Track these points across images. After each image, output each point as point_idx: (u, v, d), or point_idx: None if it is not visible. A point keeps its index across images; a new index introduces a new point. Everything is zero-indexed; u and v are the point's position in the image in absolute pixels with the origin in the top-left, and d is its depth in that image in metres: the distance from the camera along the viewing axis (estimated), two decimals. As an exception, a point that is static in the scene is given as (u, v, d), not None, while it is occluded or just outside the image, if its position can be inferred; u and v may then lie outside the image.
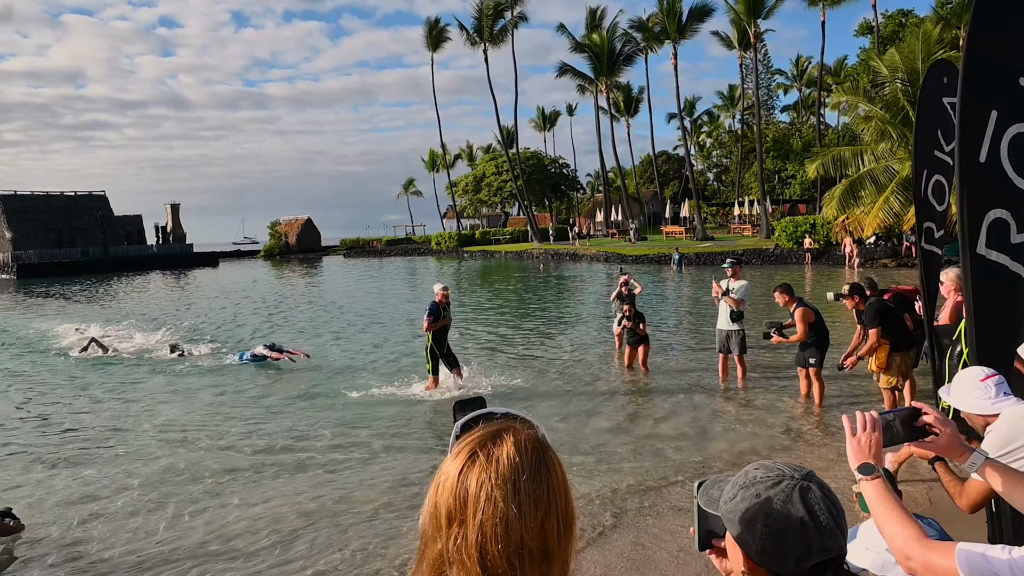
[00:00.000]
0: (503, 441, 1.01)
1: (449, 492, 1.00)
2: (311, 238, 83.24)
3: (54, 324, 19.06)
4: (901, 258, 30.03)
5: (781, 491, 1.20)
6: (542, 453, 1.02)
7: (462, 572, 0.97)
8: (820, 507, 1.18)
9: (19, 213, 66.72)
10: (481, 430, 1.05)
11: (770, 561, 1.20)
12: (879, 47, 40.27)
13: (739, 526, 1.23)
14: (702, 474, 6.39)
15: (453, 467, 1.02)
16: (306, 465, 7.19)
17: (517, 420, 1.09)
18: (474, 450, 1.01)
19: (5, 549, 5.59)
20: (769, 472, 1.25)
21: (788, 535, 1.17)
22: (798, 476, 1.23)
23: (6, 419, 9.75)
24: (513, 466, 0.98)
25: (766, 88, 68.68)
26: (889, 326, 7.09)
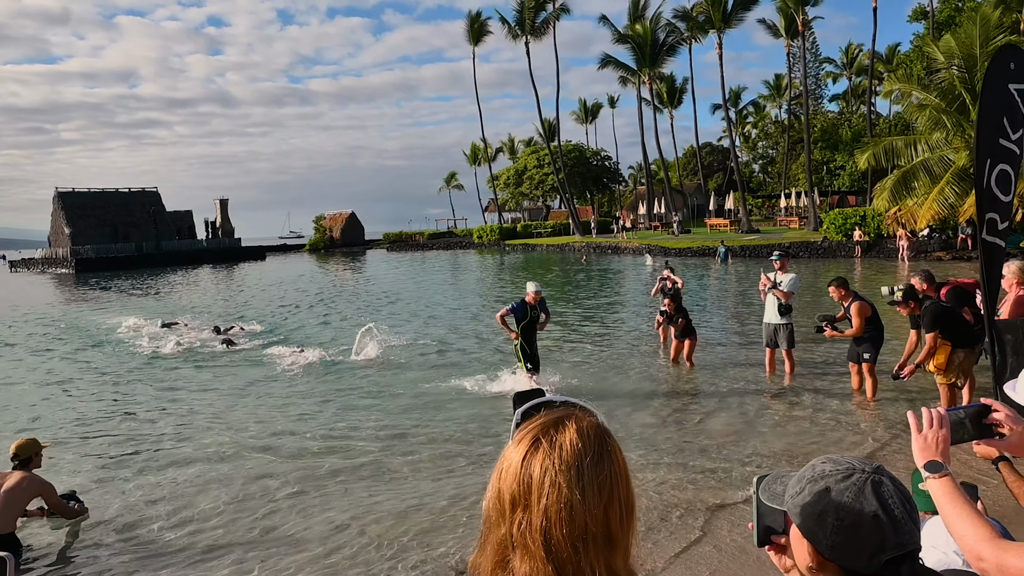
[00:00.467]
0: (565, 428, 1.02)
1: (513, 478, 1.01)
2: (355, 232, 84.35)
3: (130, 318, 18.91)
4: (956, 251, 29.07)
5: (852, 484, 1.18)
6: (604, 440, 1.03)
7: (526, 556, 0.98)
8: (894, 500, 1.16)
9: (77, 209, 69.19)
10: (543, 417, 1.06)
11: (842, 556, 1.18)
12: (934, 33, 38.95)
13: (808, 520, 1.21)
14: (749, 471, 6.31)
15: (516, 453, 1.03)
16: (383, 464, 7.23)
17: (577, 408, 1.09)
18: (537, 436, 1.02)
19: (70, 531, 5.83)
20: (838, 465, 1.22)
21: (861, 529, 1.15)
22: (869, 469, 1.21)
23: (86, 409, 10.13)
24: (576, 452, 0.99)
25: (814, 77, 67.09)
26: (949, 327, 6.85)
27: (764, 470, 6.31)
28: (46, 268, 66.20)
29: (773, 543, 1.37)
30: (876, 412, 7.95)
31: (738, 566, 4.65)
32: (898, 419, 7.62)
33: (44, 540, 5.73)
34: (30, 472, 5.51)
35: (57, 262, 65.21)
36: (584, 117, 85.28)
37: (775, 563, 1.40)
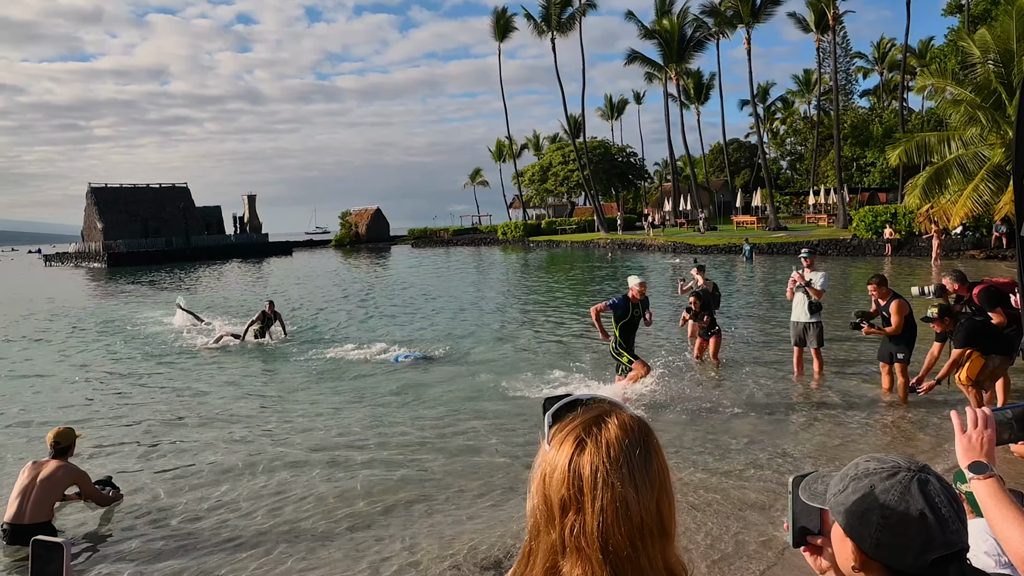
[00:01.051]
0: (607, 424, 1.00)
1: (560, 482, 0.98)
2: (380, 228, 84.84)
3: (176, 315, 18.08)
4: (990, 249, 28.49)
5: (898, 482, 1.17)
6: (647, 433, 1.02)
7: (579, 560, 0.96)
8: (941, 499, 1.14)
9: (109, 204, 70.45)
10: (580, 416, 1.03)
11: (887, 555, 1.16)
12: (969, 27, 38.14)
13: (852, 519, 1.20)
14: (775, 472, 6.26)
15: (561, 456, 1.00)
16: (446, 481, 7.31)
17: (605, 403, 1.07)
18: (580, 436, 1.00)
19: (104, 516, 5.98)
20: (883, 463, 1.21)
21: (907, 528, 1.13)
22: (915, 468, 1.19)
23: (127, 401, 10.35)
24: (623, 448, 0.98)
25: (844, 72, 66.04)
26: (984, 343, 6.76)
27: (792, 471, 6.25)
28: (79, 262, 67.51)
29: (809, 544, 1.36)
30: (908, 413, 7.83)
31: (760, 564, 4.63)
32: (930, 420, 7.51)
33: (78, 524, 5.90)
34: (66, 461, 5.64)
35: (90, 256, 66.48)
36: (610, 113, 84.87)
37: (810, 564, 1.38)
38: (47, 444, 5.68)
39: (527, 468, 1.06)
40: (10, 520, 5.33)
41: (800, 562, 1.62)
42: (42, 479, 5.41)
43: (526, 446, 7.18)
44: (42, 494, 5.36)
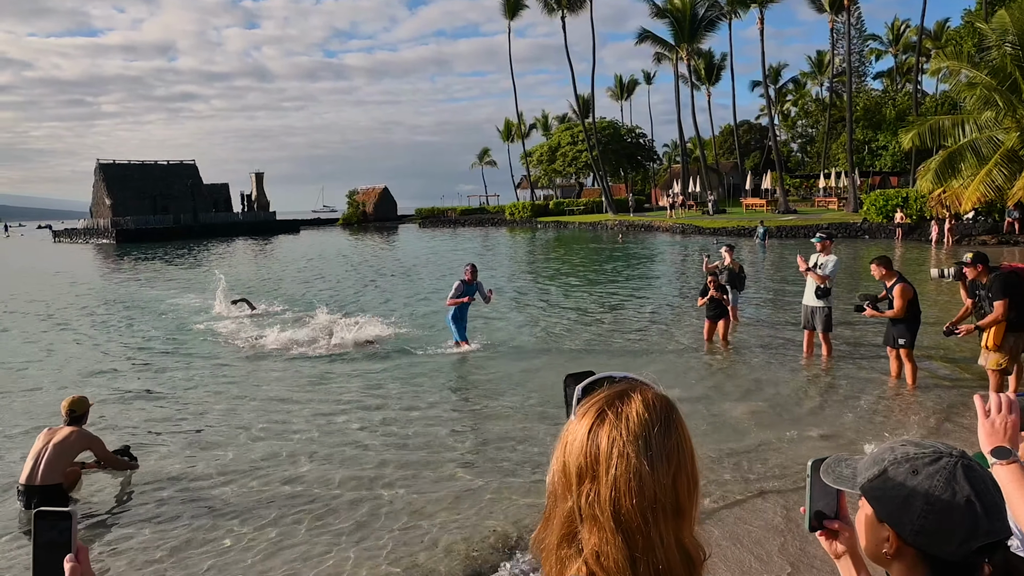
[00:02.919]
0: (631, 399, 1.02)
1: (579, 450, 1.01)
2: (387, 207, 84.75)
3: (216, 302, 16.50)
4: (1002, 235, 28.27)
5: (942, 468, 1.14)
6: (670, 411, 1.03)
7: (595, 527, 0.98)
8: (985, 486, 1.13)
9: (118, 181, 70.53)
10: (607, 391, 1.05)
11: (929, 542, 1.13)
12: (986, 8, 37.54)
13: (890, 504, 1.17)
14: (782, 452, 6.27)
15: (582, 426, 1.02)
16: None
17: (637, 381, 1.08)
18: (602, 408, 1.02)
19: (123, 482, 6.13)
20: (923, 449, 1.18)
21: (952, 515, 1.11)
22: (956, 454, 1.16)
23: (159, 379, 10.42)
24: (643, 423, 0.99)
25: (858, 54, 65.21)
26: (1014, 301, 6.64)
27: (795, 454, 6.26)
28: (88, 239, 67.77)
29: (825, 528, 1.35)
30: (916, 398, 7.81)
31: (769, 546, 4.64)
32: (938, 406, 7.50)
33: (93, 489, 6.00)
34: (80, 427, 5.82)
35: (98, 233, 66.69)
36: (619, 94, 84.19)
37: (825, 548, 1.38)
38: (62, 412, 5.86)
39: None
40: (24, 482, 5.55)
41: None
42: (55, 443, 5.60)
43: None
44: (54, 457, 5.54)
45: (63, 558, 1.18)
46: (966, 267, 7.10)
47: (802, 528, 4.73)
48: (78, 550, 1.20)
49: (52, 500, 5.51)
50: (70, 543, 1.20)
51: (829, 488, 1.31)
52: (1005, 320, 6.67)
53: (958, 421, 7.06)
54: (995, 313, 6.69)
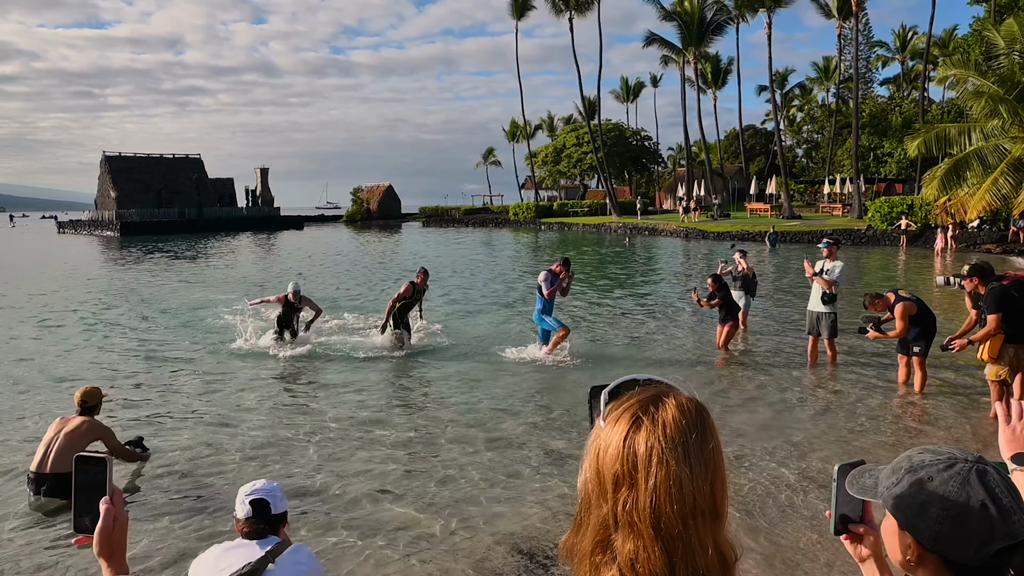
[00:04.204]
0: (665, 404, 1.01)
1: (615, 457, 0.99)
2: (391, 205, 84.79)
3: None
4: (1007, 244, 28.24)
5: (956, 474, 1.15)
6: (703, 415, 1.02)
7: (631, 535, 0.98)
8: (1001, 489, 1.13)
9: (123, 174, 70.64)
10: (637, 395, 1.04)
11: (947, 548, 1.14)
12: (995, 16, 37.50)
13: (908, 512, 1.18)
14: (787, 458, 6.29)
15: (616, 433, 1.01)
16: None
17: (664, 384, 1.07)
18: (636, 414, 1.00)
19: (133, 473, 6.20)
20: (938, 455, 1.19)
21: (968, 519, 1.12)
22: (971, 459, 1.16)
23: (179, 377, 10.46)
24: (680, 428, 0.98)
25: (865, 60, 65.14)
26: (1009, 315, 6.67)
27: (801, 460, 6.28)
28: (92, 230, 67.88)
29: (850, 531, 1.37)
30: (924, 406, 7.82)
31: (778, 553, 4.67)
32: (946, 413, 7.51)
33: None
34: (92, 418, 5.90)
35: (103, 225, 66.79)
36: (625, 96, 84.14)
37: (850, 552, 1.40)
38: (75, 402, 5.95)
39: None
40: (34, 469, 5.63)
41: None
42: (66, 432, 5.69)
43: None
44: (65, 445, 5.60)
45: (99, 499, 1.32)
46: (963, 279, 7.14)
47: (808, 535, 4.77)
48: (113, 493, 1.34)
49: (62, 488, 5.56)
50: (106, 486, 1.33)
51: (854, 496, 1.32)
52: (998, 334, 6.70)
53: (967, 428, 7.08)
54: (987, 327, 6.72)
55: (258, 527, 2.75)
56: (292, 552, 2.75)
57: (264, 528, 2.76)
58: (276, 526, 2.82)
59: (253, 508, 2.76)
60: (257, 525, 2.75)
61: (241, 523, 2.78)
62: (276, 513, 2.81)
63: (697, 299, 11.16)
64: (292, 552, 2.75)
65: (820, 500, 5.39)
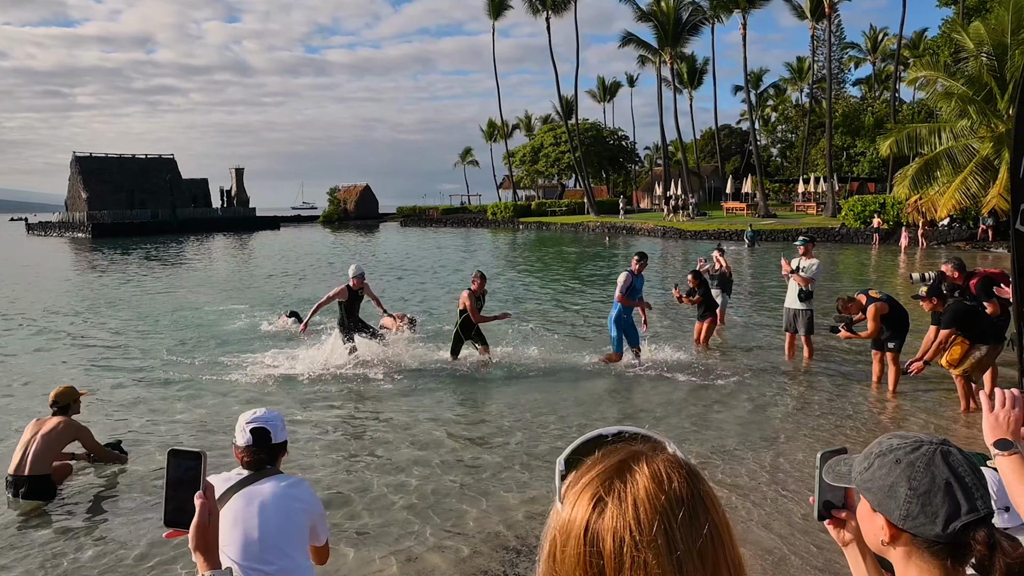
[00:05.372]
0: (634, 474, 0.76)
1: (575, 558, 0.75)
2: (369, 205, 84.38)
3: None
4: (976, 241, 28.82)
5: (922, 455, 1.21)
6: (693, 483, 0.77)
7: None
8: (964, 468, 1.19)
9: (94, 174, 69.50)
10: (599, 464, 0.79)
11: (916, 525, 1.20)
12: (963, 18, 38.25)
13: (879, 494, 1.24)
14: (765, 453, 6.38)
15: (575, 517, 0.76)
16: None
17: (638, 440, 0.82)
18: (597, 494, 0.75)
19: (111, 475, 6.11)
20: (905, 439, 1.25)
21: (934, 497, 1.18)
22: (936, 441, 1.23)
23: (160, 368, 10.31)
24: (658, 509, 0.73)
25: (837, 61, 66.06)
26: (969, 327, 6.93)
27: (779, 455, 6.38)
28: (63, 232, 66.70)
29: (833, 517, 1.42)
30: (897, 401, 7.97)
31: (753, 546, 4.73)
32: (920, 406, 7.67)
33: (80, 481, 5.97)
34: (68, 417, 5.82)
35: (74, 226, 65.65)
36: (602, 96, 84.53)
37: (834, 536, 1.45)
38: (49, 403, 5.88)
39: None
40: (12, 472, 5.55)
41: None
42: (43, 434, 5.61)
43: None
44: (42, 447, 5.54)
45: (192, 495, 1.32)
46: (922, 300, 7.41)
47: (785, 526, 4.84)
48: (206, 488, 1.33)
49: (40, 490, 5.49)
50: (199, 481, 1.33)
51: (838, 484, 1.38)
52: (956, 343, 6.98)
53: (939, 420, 7.23)
54: (938, 340, 7.02)
55: (258, 457, 2.67)
56: (291, 486, 2.67)
57: (263, 458, 2.68)
58: (275, 456, 2.73)
59: (253, 436, 2.66)
60: (257, 455, 2.66)
61: (240, 451, 2.68)
62: (277, 443, 2.72)
63: (678, 296, 11.26)
64: (291, 486, 2.67)
65: (797, 492, 5.47)
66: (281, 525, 2.57)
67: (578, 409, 7.90)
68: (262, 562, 2.52)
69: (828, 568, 4.36)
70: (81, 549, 4.90)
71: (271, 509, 2.58)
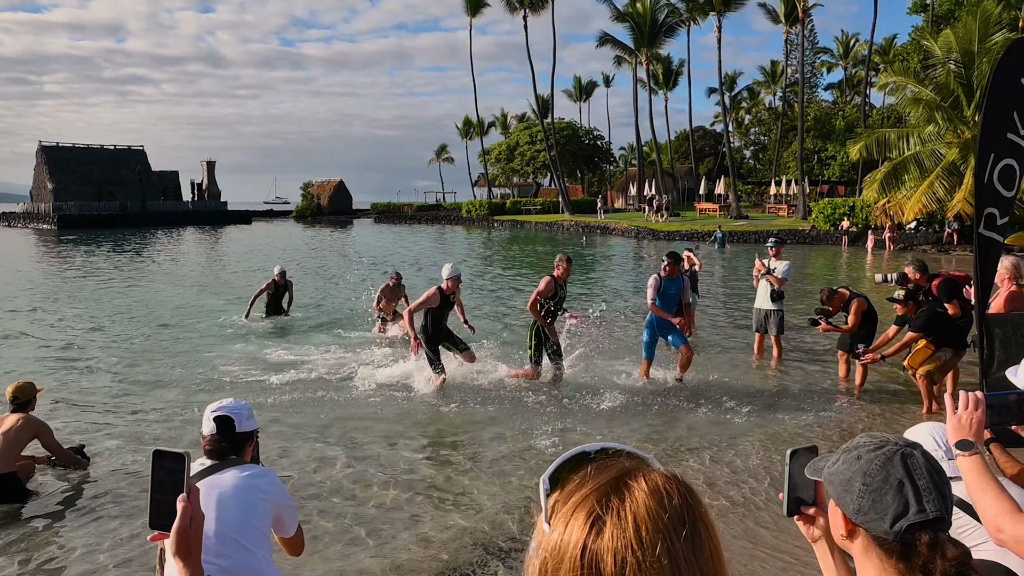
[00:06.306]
0: (632, 491, 0.73)
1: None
2: (343, 201, 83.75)
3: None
4: (942, 245, 29.40)
5: (882, 454, 1.25)
6: (690, 500, 0.75)
7: None
8: (920, 471, 1.22)
9: (61, 164, 68.07)
10: (591, 480, 0.76)
11: (867, 520, 1.24)
12: (932, 26, 38.98)
13: (839, 487, 1.28)
14: (733, 451, 6.40)
15: (570, 538, 0.72)
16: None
17: (623, 456, 0.80)
18: (593, 512, 0.72)
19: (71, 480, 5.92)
20: (874, 438, 1.29)
21: (885, 495, 1.21)
22: (902, 443, 1.27)
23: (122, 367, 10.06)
24: (660, 528, 0.71)
25: (810, 66, 67.01)
26: (939, 333, 7.06)
27: (748, 453, 6.40)
28: (28, 223, 65.24)
29: (802, 513, 1.44)
30: (863, 402, 8.06)
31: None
32: (886, 406, 7.77)
33: (39, 485, 5.80)
34: (27, 413, 5.64)
35: (39, 217, 64.27)
36: (578, 95, 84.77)
37: (803, 532, 1.47)
38: (7, 399, 5.69)
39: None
40: None
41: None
42: (2, 432, 5.42)
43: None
44: (4, 446, 5.36)
45: (176, 497, 1.29)
46: (897, 303, 7.52)
47: (749, 524, 4.86)
48: (190, 490, 1.30)
49: (8, 490, 5.33)
50: (183, 483, 1.30)
51: (807, 477, 1.41)
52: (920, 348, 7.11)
53: (903, 419, 7.32)
54: (904, 339, 7.16)
55: (220, 445, 2.62)
56: (253, 476, 2.60)
57: (226, 447, 2.62)
58: (240, 446, 2.67)
59: (217, 425, 2.62)
60: (219, 444, 2.62)
61: (205, 440, 2.65)
62: (241, 431, 2.66)
63: None
64: (253, 476, 2.60)
65: (764, 490, 5.49)
66: (239, 517, 2.50)
67: (529, 413, 7.85)
68: (218, 555, 2.45)
69: (793, 566, 4.38)
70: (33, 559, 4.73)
71: (230, 501, 2.51)
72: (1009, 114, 4.17)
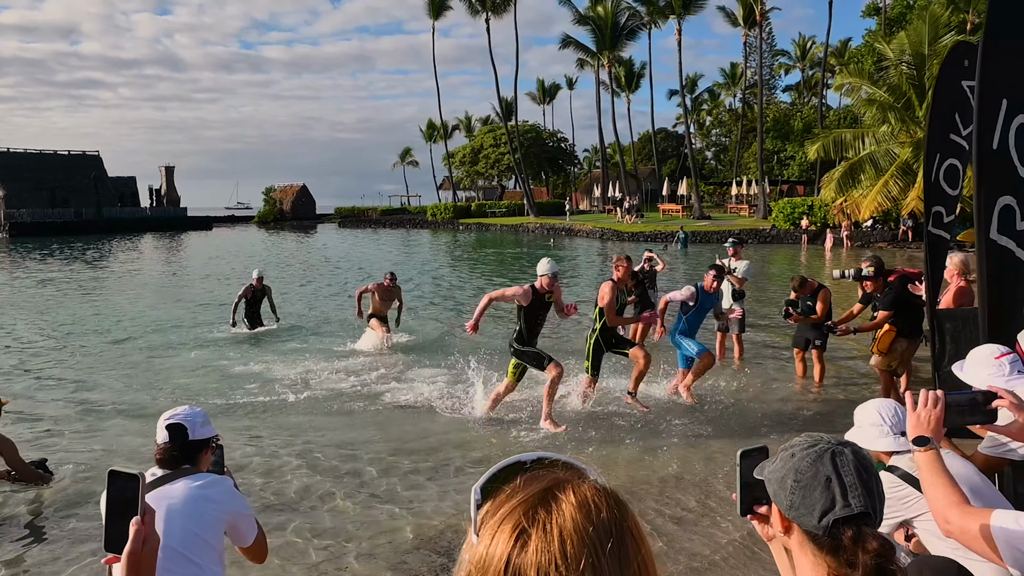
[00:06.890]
0: (559, 504, 0.71)
1: None
2: (306, 206, 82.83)
3: None
4: (897, 242, 30.14)
5: (814, 451, 1.30)
6: (618, 512, 0.73)
7: None
8: (848, 468, 1.26)
9: (11, 171, 66.09)
10: (520, 492, 0.73)
11: (798, 515, 1.29)
12: (885, 29, 40.00)
13: (774, 484, 1.33)
14: (692, 450, 6.47)
15: (495, 552, 0.70)
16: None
17: (559, 467, 0.78)
18: (519, 525, 0.70)
19: (33, 496, 5.72)
20: (810, 437, 1.34)
21: (813, 491, 1.26)
22: (834, 442, 1.32)
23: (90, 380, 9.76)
24: (586, 541, 0.69)
25: (768, 68, 68.22)
26: (904, 314, 7.19)
27: (707, 452, 6.48)
28: (-23, 232, 63.25)
29: (756, 513, 1.46)
30: (822, 396, 8.22)
31: (685, 542, 4.78)
32: (843, 402, 7.91)
33: (1, 505, 5.61)
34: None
35: (-10, 226, 62.38)
36: (542, 98, 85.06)
37: (758, 531, 1.48)
38: None
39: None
40: None
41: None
42: None
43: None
44: None
45: (131, 518, 1.25)
46: (866, 279, 7.65)
47: (708, 528, 4.91)
48: (144, 512, 1.26)
49: None
50: (137, 504, 1.26)
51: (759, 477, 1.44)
52: (888, 331, 7.23)
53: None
54: (876, 320, 7.29)
55: (171, 454, 2.55)
56: (204, 486, 2.53)
57: (178, 456, 2.56)
58: (193, 454, 2.60)
59: (169, 433, 2.56)
60: (170, 452, 2.55)
61: (159, 449, 2.58)
62: (194, 439, 2.59)
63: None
64: (204, 486, 2.53)
65: (715, 489, 5.55)
66: (187, 529, 2.44)
67: (496, 418, 7.85)
68: (163, 570, 2.38)
69: (747, 566, 4.43)
70: None
71: (178, 512, 2.44)
72: (952, 115, 4.29)
